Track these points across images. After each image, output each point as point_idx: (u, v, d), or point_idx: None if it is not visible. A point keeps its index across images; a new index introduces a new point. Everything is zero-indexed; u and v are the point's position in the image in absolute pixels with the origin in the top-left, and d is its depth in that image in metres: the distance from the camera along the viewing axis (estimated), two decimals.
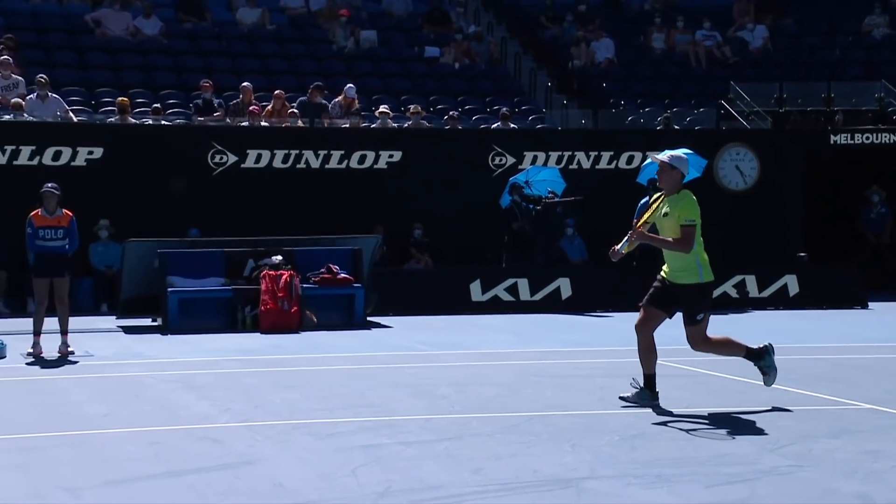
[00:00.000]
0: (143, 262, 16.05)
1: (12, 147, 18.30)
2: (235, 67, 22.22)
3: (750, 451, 7.77)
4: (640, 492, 6.70)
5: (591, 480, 6.96)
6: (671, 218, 9.10)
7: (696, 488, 6.76)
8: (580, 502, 6.49)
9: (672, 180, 9.17)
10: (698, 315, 9.17)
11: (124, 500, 6.64)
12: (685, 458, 7.59)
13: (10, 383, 11.32)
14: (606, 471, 7.20)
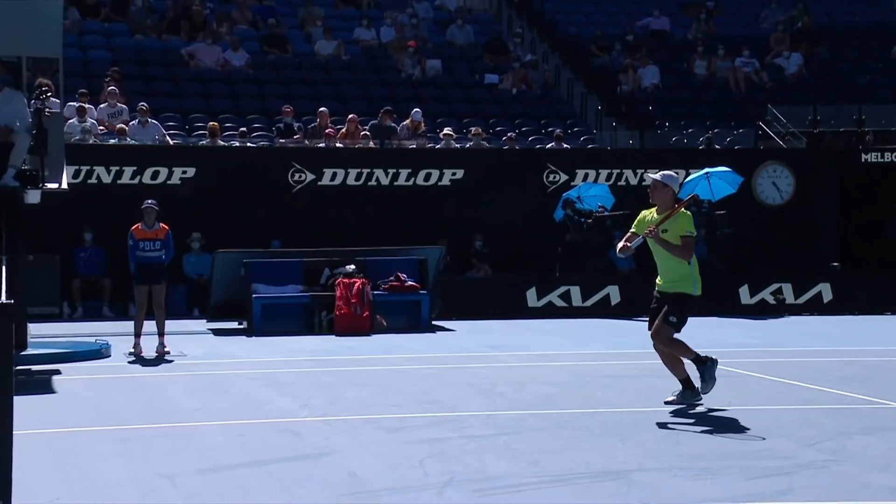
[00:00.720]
0: (230, 271, 16.16)
1: (116, 168, 18.54)
2: (314, 94, 22.34)
3: (788, 447, 7.65)
4: (685, 483, 6.62)
5: (639, 472, 6.89)
6: (670, 234, 9.00)
7: (737, 480, 6.66)
8: (629, 493, 6.42)
9: (664, 197, 9.10)
10: (672, 317, 9.03)
11: (214, 486, 6.67)
12: (727, 452, 7.48)
13: (114, 380, 11.44)
14: (653, 464, 7.12)
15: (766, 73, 24.87)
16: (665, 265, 9.13)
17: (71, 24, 21.12)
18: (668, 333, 9.09)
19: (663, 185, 9.07)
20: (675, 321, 9.04)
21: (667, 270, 9.13)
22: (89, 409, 9.59)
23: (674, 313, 9.03)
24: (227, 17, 23.76)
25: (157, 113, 20.19)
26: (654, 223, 9.06)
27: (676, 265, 9.07)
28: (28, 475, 6.47)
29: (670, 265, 9.09)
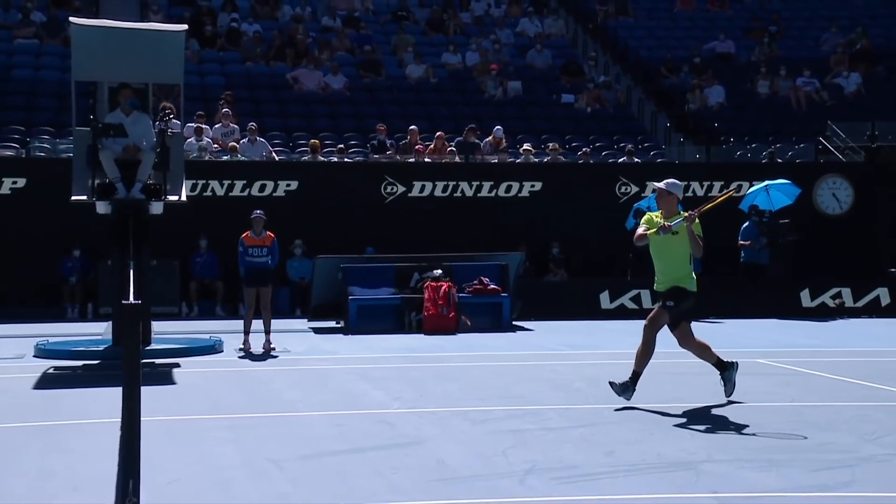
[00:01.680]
0: (329, 275, 16.29)
1: (228, 181, 18.81)
2: (404, 114, 22.43)
3: (850, 441, 7.45)
4: (752, 474, 6.48)
5: (708, 463, 6.77)
6: (681, 237, 8.87)
7: (801, 472, 6.51)
8: (699, 483, 6.31)
9: (670, 204, 9.02)
10: (670, 301, 8.94)
11: (316, 471, 6.72)
12: (791, 445, 7.32)
13: (226, 373, 11.59)
14: (722, 455, 6.99)
15: (826, 92, 24.31)
16: (665, 266, 9.01)
17: (191, 54, 21.50)
18: (663, 320, 8.98)
19: (668, 192, 9.06)
20: (672, 305, 8.93)
21: (666, 271, 9.02)
22: (204, 399, 9.73)
23: (671, 299, 8.94)
24: (327, 44, 24.00)
25: (264, 132, 20.45)
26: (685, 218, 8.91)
27: (675, 266, 8.95)
28: (152, 457, 6.58)
29: (671, 266, 8.98)
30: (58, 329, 15.19)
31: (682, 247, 8.93)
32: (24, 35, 22.60)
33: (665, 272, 9.02)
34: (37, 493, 6.17)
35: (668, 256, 8.98)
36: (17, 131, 19.63)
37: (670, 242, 8.94)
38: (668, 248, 8.98)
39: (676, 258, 8.97)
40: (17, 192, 17.88)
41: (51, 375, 11.25)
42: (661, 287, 9.06)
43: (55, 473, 6.62)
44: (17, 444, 7.56)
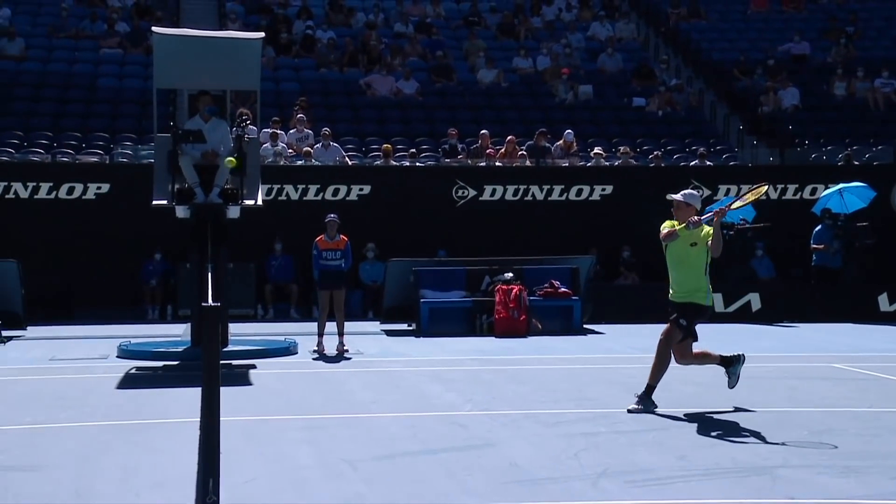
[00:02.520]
0: (401, 278, 16.36)
1: (303, 186, 19.02)
2: (476, 118, 22.45)
3: None
4: (831, 480, 6.34)
5: (784, 469, 6.64)
6: (700, 247, 8.74)
7: (882, 479, 6.35)
8: (775, 488, 6.19)
9: (688, 214, 8.86)
10: (682, 320, 8.79)
11: (390, 471, 6.74)
12: (870, 451, 7.15)
13: (301, 374, 11.70)
14: (798, 461, 6.86)
15: None
16: (681, 276, 8.86)
17: (267, 61, 21.79)
18: (676, 336, 8.83)
19: (686, 204, 8.93)
20: (684, 324, 8.79)
21: (682, 281, 8.87)
22: (280, 399, 9.84)
23: (685, 317, 8.81)
24: (399, 50, 24.14)
25: (337, 137, 20.63)
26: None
27: (692, 277, 8.80)
28: (230, 456, 6.67)
29: (687, 277, 8.82)
30: (139, 330, 15.50)
31: (700, 257, 8.80)
32: (109, 45, 23.14)
33: (681, 282, 8.90)
34: (122, 490, 6.30)
35: (685, 266, 8.86)
36: (101, 138, 20.11)
37: (688, 252, 8.83)
38: (686, 258, 8.86)
39: (693, 268, 8.84)
40: (102, 198, 18.30)
41: (133, 375, 11.49)
42: (675, 297, 8.93)
43: (139, 471, 6.75)
44: (102, 442, 7.73)
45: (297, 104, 21.31)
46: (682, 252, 8.86)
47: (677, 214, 8.98)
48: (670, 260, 8.96)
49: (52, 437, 7.89)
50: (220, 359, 5.42)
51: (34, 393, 10.03)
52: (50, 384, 10.66)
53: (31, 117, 20.80)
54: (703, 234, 8.79)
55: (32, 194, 18.08)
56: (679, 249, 8.85)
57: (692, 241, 8.80)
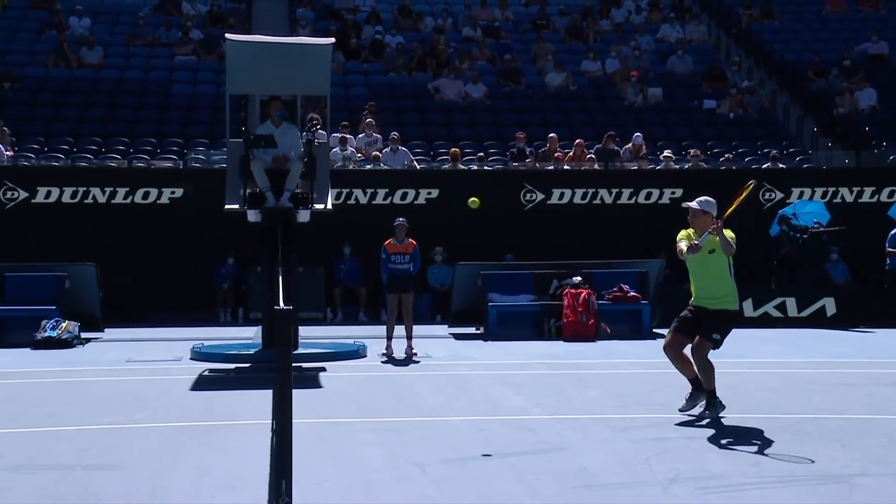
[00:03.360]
0: (469, 281, 16.36)
1: (371, 190, 19.13)
2: (544, 121, 22.38)
3: None
4: None
5: (862, 477, 6.48)
6: (719, 252, 8.59)
7: None
8: (853, 496, 6.04)
9: (703, 223, 8.71)
10: (715, 335, 8.59)
11: (459, 475, 6.74)
12: None
13: (370, 377, 11.74)
14: (877, 469, 6.69)
15: None
16: (706, 282, 8.70)
17: (336, 66, 21.98)
18: (707, 349, 8.64)
19: (703, 212, 8.79)
20: (718, 338, 8.63)
21: (708, 287, 8.70)
22: (350, 402, 9.90)
23: (716, 330, 8.61)
24: (468, 54, 24.17)
25: (406, 141, 20.72)
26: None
27: (718, 282, 8.64)
28: (301, 458, 6.73)
29: (713, 282, 8.66)
30: (211, 333, 15.73)
31: (721, 262, 8.66)
32: (183, 52, 23.57)
33: (707, 289, 8.74)
34: (196, 490, 6.40)
35: (709, 274, 8.72)
36: (175, 143, 20.47)
37: (707, 260, 8.68)
38: (706, 266, 8.72)
39: (717, 274, 8.70)
40: (175, 202, 18.63)
41: (206, 377, 11.66)
42: (702, 303, 8.76)
43: (212, 471, 6.85)
44: (177, 442, 7.85)
45: (366, 109, 21.45)
46: (700, 261, 8.74)
47: (693, 222, 8.85)
48: (692, 269, 8.84)
49: (129, 437, 8.04)
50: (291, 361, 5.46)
51: (111, 394, 10.24)
52: (126, 385, 10.87)
53: (108, 124, 21.26)
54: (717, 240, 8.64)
55: (110, 199, 18.46)
56: (697, 259, 8.72)
57: (710, 248, 8.68)
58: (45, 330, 14.34)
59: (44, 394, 10.30)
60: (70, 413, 9.09)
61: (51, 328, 14.39)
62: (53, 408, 9.38)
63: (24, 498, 6.18)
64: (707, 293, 8.75)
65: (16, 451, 7.45)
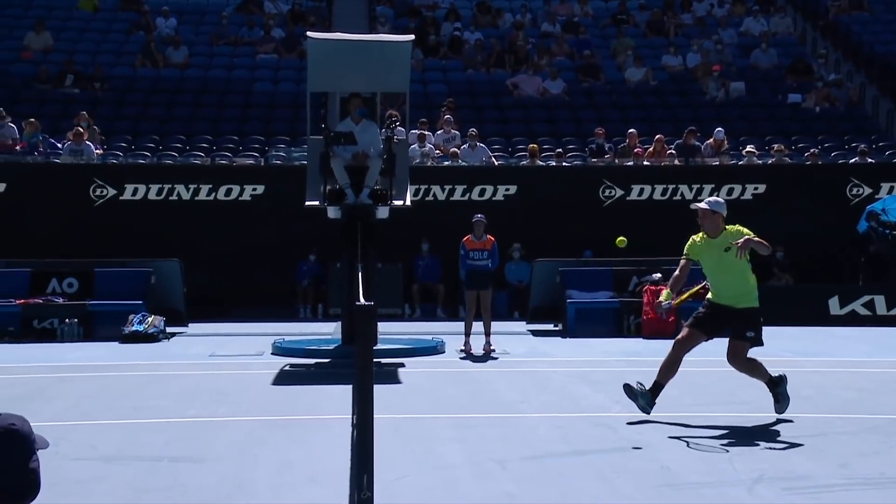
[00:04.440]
0: (547, 278, 16.30)
1: (450, 186, 19.19)
2: (623, 117, 22.19)
3: None
4: None
5: None
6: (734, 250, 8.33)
7: None
8: None
9: (714, 223, 8.52)
10: (750, 332, 8.34)
11: (539, 472, 6.73)
12: None
13: (448, 373, 11.78)
14: None
15: None
16: (729, 281, 8.45)
17: (415, 63, 22.09)
18: (745, 350, 8.42)
19: (712, 212, 8.58)
20: (753, 335, 8.39)
21: (734, 284, 8.45)
22: (429, 398, 9.95)
23: (749, 328, 8.38)
24: (546, 50, 24.08)
25: (484, 137, 20.73)
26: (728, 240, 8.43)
27: (742, 280, 8.41)
28: (381, 453, 6.77)
29: (736, 280, 8.42)
30: (292, 328, 15.95)
31: (736, 261, 8.42)
32: (265, 51, 23.92)
33: (728, 288, 8.53)
34: (279, 483, 6.50)
35: (727, 273, 8.52)
36: (256, 141, 20.80)
37: (724, 258, 8.46)
38: (724, 265, 8.50)
39: (735, 272, 8.48)
40: (257, 199, 18.92)
41: (287, 372, 11.83)
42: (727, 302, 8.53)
43: (294, 465, 6.95)
44: (260, 436, 7.99)
45: (444, 105, 21.50)
46: (717, 260, 8.54)
47: (703, 224, 8.68)
48: (711, 269, 8.64)
49: (213, 430, 8.21)
50: (373, 357, 5.51)
51: (195, 388, 10.46)
52: (210, 379, 11.09)
53: (192, 122, 21.69)
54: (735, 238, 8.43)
55: (193, 196, 18.83)
56: (713, 258, 8.54)
57: (725, 246, 8.49)
58: (133, 324, 14.70)
59: (132, 387, 10.57)
60: (157, 406, 9.31)
61: (137, 323, 14.75)
62: (141, 400, 9.62)
63: (115, 488, 6.35)
64: (729, 292, 8.55)
65: (106, 442, 7.66)
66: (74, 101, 21.34)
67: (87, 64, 22.68)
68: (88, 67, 22.49)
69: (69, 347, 13.99)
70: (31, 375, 11.30)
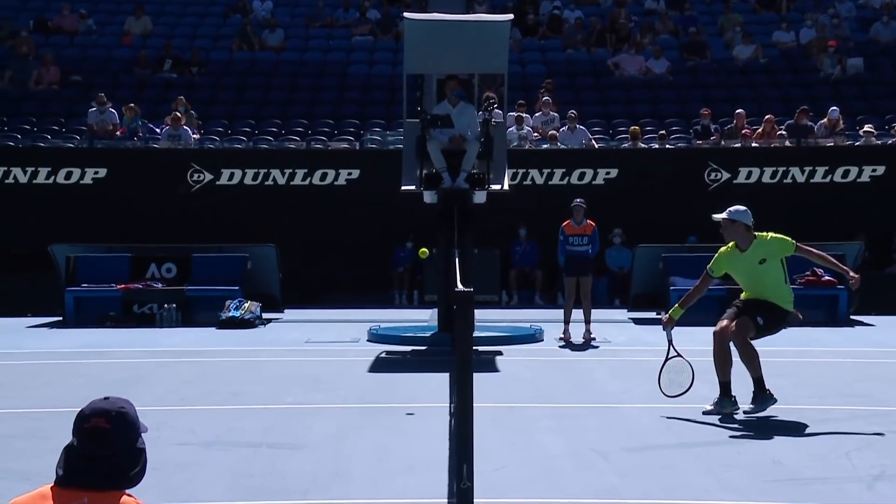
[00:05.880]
0: (650, 265, 16.08)
1: (548, 170, 19.04)
2: (730, 97, 21.73)
3: None
4: None
5: None
6: (773, 259, 8.10)
7: None
8: None
9: (737, 232, 8.22)
10: (760, 318, 8.11)
11: (643, 464, 6.65)
12: None
13: (547, 362, 11.76)
14: None
15: None
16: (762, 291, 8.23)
17: (513, 43, 21.98)
18: (749, 331, 8.14)
19: (731, 221, 8.29)
20: (762, 322, 8.13)
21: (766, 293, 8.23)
22: (528, 387, 9.92)
23: (762, 314, 8.14)
24: (650, 28, 23.71)
25: (584, 119, 20.54)
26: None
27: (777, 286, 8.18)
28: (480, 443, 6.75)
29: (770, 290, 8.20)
30: (387, 315, 16.08)
31: (774, 271, 8.20)
32: (360, 32, 24.11)
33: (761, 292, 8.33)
34: (376, 471, 6.56)
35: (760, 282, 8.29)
36: (351, 124, 21.00)
37: (757, 269, 8.23)
38: (756, 274, 8.26)
39: (769, 281, 8.25)
40: (352, 184, 19.11)
41: (383, 359, 11.93)
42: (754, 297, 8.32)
43: (391, 454, 7.00)
44: (357, 424, 8.08)
45: (542, 87, 21.37)
46: (750, 270, 8.31)
47: (726, 234, 8.42)
48: (743, 280, 8.44)
49: (310, 417, 8.33)
50: (472, 344, 5.50)
51: (291, 374, 10.63)
52: (306, 366, 11.26)
53: (288, 106, 22.00)
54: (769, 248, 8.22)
55: (289, 181, 19.11)
56: (745, 270, 8.31)
57: (760, 258, 8.25)
58: (229, 310, 15.00)
59: (230, 372, 10.80)
60: (255, 392, 9.49)
61: (234, 308, 15.04)
62: (239, 386, 9.82)
63: (216, 473, 6.50)
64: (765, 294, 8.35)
65: (206, 427, 7.84)
66: (172, 85, 21.85)
67: (184, 48, 23.19)
68: (186, 52, 23.00)
69: (168, 333, 14.36)
70: (132, 360, 11.63)
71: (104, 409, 3.00)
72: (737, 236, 8.36)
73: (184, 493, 5.99)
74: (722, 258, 8.45)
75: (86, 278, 15.75)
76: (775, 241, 8.34)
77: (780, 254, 8.30)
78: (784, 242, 8.33)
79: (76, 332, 14.21)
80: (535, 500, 5.97)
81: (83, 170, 18.76)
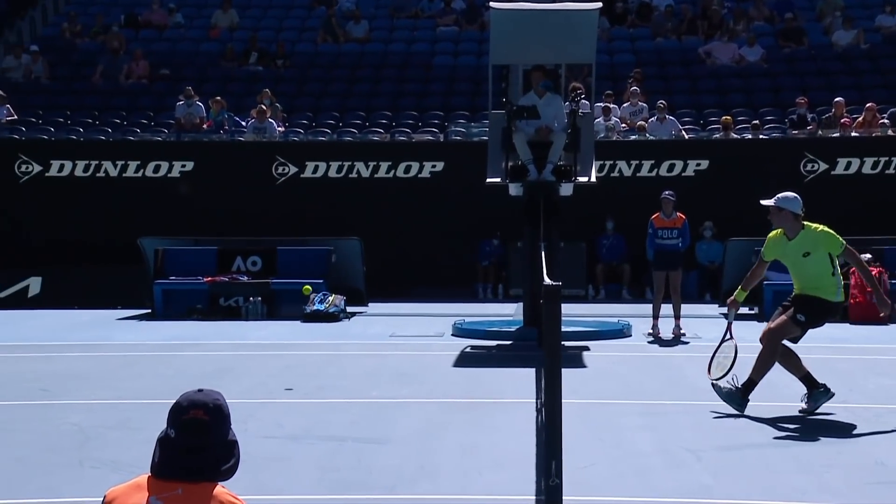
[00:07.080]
0: (742, 258, 15.74)
1: (636, 162, 18.86)
2: (829, 84, 21.23)
3: None
4: None
5: None
6: (818, 253, 7.88)
7: None
8: None
9: (785, 220, 8.03)
10: (800, 315, 7.90)
11: (737, 463, 6.56)
12: None
13: (635, 358, 11.68)
14: None
15: None
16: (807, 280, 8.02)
17: (601, 32, 21.81)
18: (785, 332, 7.96)
19: (779, 209, 8.11)
20: (803, 320, 7.93)
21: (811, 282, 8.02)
22: (616, 383, 9.86)
23: (803, 312, 7.92)
24: (743, 14, 23.30)
25: (673, 109, 20.27)
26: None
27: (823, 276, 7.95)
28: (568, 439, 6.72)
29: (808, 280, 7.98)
30: (471, 309, 16.10)
31: (820, 264, 8.00)
32: (445, 23, 24.17)
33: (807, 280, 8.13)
34: (463, 467, 6.59)
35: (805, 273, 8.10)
36: (436, 116, 21.05)
37: (802, 261, 8.07)
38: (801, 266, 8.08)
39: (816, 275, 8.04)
40: (436, 176, 19.16)
41: (468, 354, 11.96)
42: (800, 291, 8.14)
43: (478, 449, 7.02)
44: (443, 419, 8.12)
45: (631, 76, 21.15)
46: (794, 261, 8.15)
47: (775, 221, 8.25)
48: (791, 270, 8.26)
49: (396, 411, 8.39)
50: (561, 339, 5.49)
51: (377, 368, 10.72)
52: (390, 360, 11.35)
53: (372, 98, 22.17)
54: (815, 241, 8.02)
55: (373, 173, 19.24)
56: (791, 257, 8.14)
57: (804, 251, 8.07)
58: (314, 303, 15.19)
59: (315, 366, 10.94)
60: (340, 386, 9.60)
61: (319, 302, 15.23)
62: (325, 380, 9.94)
63: (303, 467, 6.60)
64: (810, 284, 8.17)
65: (293, 421, 7.96)
66: (258, 78, 22.18)
67: (270, 41, 23.52)
68: (271, 44, 23.33)
69: (253, 326, 14.60)
70: (219, 353, 11.86)
71: (202, 400, 3.06)
72: (784, 224, 8.27)
73: (273, 487, 6.09)
74: (770, 243, 8.42)
75: (174, 271, 16.10)
76: (823, 235, 8.20)
77: (825, 249, 8.16)
78: (832, 239, 8.16)
79: (164, 325, 14.54)
80: (626, 498, 5.93)
81: (171, 163, 19.16)
